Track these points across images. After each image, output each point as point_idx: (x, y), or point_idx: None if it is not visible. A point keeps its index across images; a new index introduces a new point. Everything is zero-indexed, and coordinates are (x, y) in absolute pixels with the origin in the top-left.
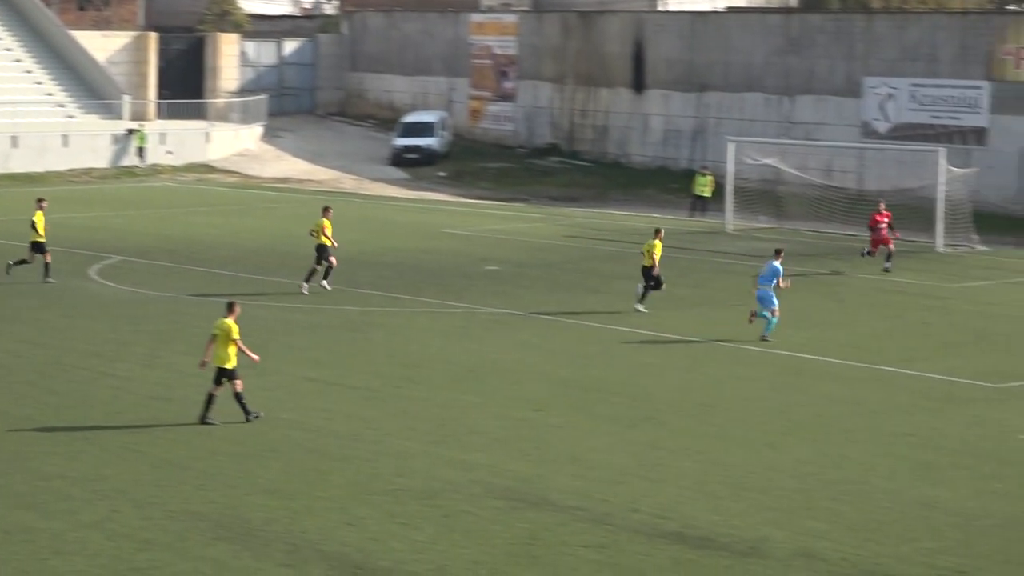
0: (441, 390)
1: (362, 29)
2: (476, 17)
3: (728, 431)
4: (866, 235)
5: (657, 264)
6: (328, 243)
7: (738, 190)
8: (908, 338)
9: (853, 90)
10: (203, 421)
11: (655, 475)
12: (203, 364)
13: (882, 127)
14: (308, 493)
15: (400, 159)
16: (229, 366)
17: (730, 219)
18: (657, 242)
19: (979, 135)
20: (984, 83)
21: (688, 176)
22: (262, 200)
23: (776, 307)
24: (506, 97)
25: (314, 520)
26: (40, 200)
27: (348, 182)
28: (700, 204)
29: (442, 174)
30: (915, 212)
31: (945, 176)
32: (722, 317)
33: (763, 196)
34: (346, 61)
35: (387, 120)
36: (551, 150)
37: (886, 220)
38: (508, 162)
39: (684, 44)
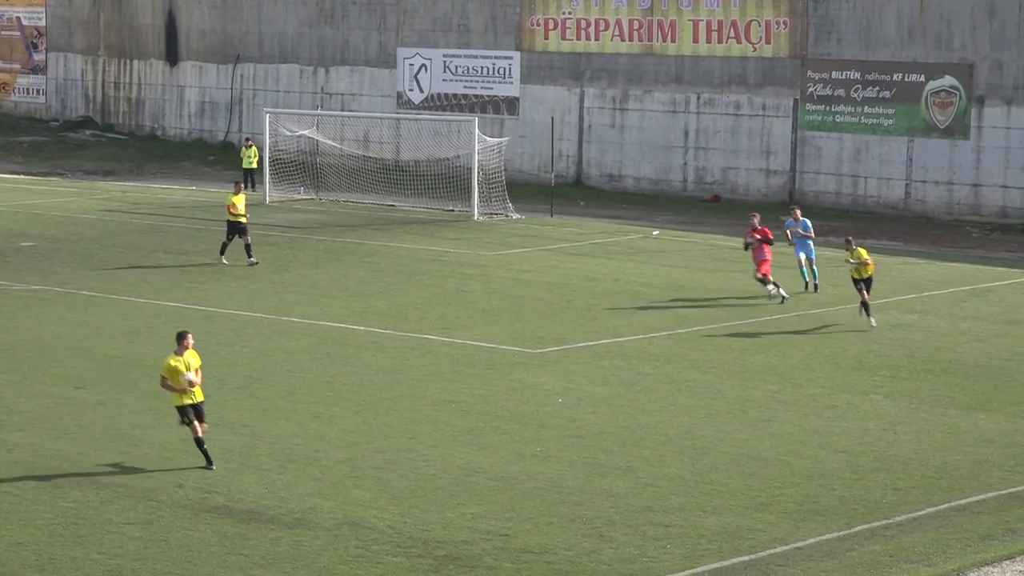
0: None
1: None
2: None
3: (273, 403)
4: (407, 206)
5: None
6: (242, 219)
7: (276, 162)
8: (448, 306)
9: (388, 61)
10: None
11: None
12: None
13: (417, 97)
14: None
15: None
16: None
17: (269, 191)
18: (860, 250)
19: (511, 104)
20: (515, 53)
21: (226, 148)
22: None
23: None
24: (36, 69)
25: None
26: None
27: None
28: (250, 176)
29: None
30: (452, 182)
31: (479, 145)
32: (264, 289)
33: (302, 168)
34: None
35: None
36: (85, 123)
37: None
38: (41, 135)
39: (217, 15)
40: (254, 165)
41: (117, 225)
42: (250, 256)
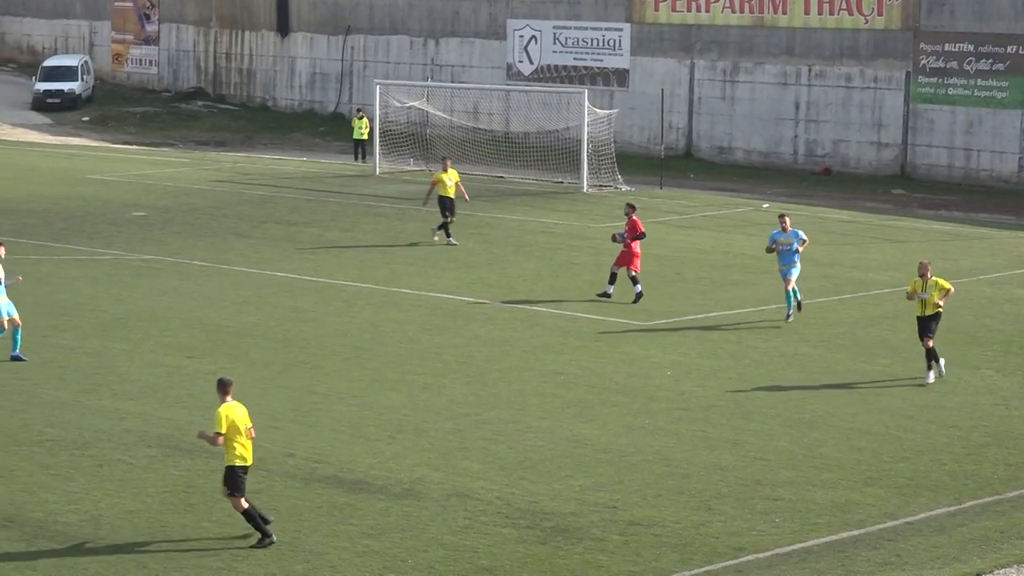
0: (90, 338)
1: None
2: None
3: (383, 374)
4: (516, 177)
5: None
6: (450, 195)
7: (387, 133)
8: (556, 278)
9: (497, 32)
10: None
11: (310, 419)
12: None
13: (526, 69)
14: None
15: (42, 104)
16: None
17: (379, 162)
18: (938, 279)
19: (621, 76)
20: (625, 25)
21: (336, 119)
22: None
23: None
24: (149, 40)
25: None
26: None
27: None
28: (360, 148)
29: (86, 119)
30: (561, 154)
31: (588, 117)
32: (373, 260)
33: (412, 139)
34: None
35: (28, 64)
36: (197, 94)
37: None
38: (153, 106)
39: None
40: (365, 136)
41: (228, 196)
42: (448, 235)
